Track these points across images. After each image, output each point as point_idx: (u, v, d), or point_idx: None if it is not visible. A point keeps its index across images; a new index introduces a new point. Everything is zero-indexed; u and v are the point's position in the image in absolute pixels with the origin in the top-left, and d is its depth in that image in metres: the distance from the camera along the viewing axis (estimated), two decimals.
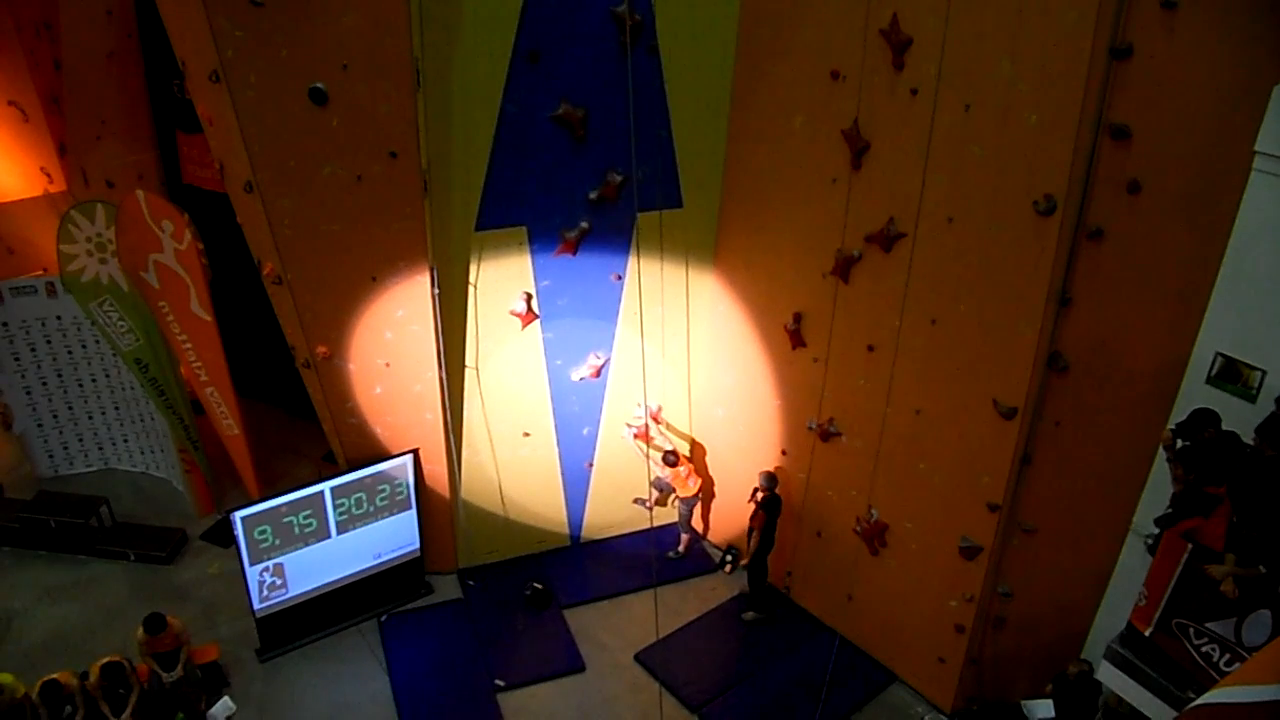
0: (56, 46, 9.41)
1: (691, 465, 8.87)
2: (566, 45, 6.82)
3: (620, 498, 8.99)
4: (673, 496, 9.00)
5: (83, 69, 9.44)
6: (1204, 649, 4.90)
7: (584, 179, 7.36)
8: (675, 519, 9.01)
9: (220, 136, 6.82)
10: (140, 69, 9.64)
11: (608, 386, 8.40)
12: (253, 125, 6.45)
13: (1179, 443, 5.18)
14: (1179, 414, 5.52)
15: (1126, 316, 5.91)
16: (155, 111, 9.89)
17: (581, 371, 8.20)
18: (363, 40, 6.27)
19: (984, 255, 6.21)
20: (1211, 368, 5.48)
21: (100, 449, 9.95)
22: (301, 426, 9.78)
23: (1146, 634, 5.15)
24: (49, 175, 9.90)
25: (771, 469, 8.12)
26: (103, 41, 9.38)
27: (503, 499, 8.55)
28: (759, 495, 8.05)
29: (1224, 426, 5.12)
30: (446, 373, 7.63)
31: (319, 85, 6.33)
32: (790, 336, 7.65)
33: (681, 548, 9.09)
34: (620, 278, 7.79)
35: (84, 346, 9.39)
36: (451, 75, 6.67)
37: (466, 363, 7.76)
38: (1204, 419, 5.13)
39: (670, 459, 8.58)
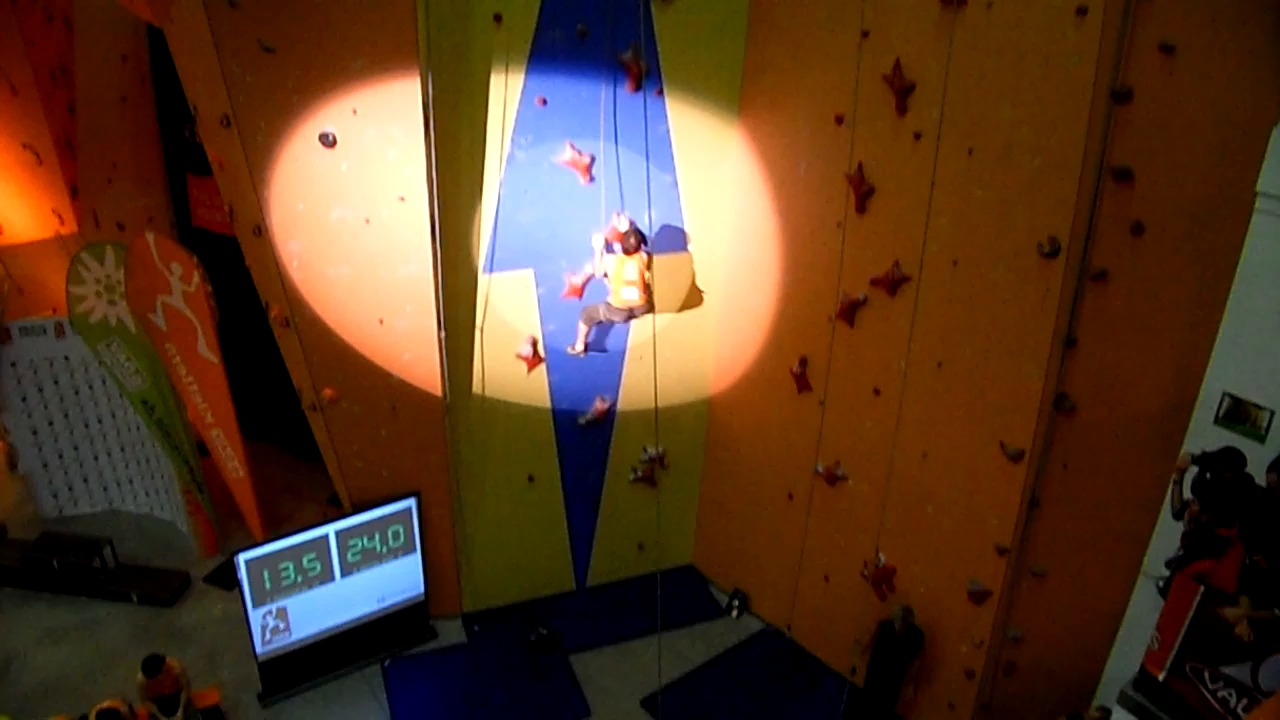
0: (71, 91, 9.57)
1: (643, 275, 7.31)
2: (574, 90, 6.93)
3: (626, 541, 8.93)
4: (603, 306, 7.53)
5: (97, 113, 9.59)
6: (1220, 694, 4.82)
7: (590, 223, 7.41)
8: (683, 561, 8.85)
9: (230, 180, 6.89)
10: (153, 113, 9.78)
11: (614, 430, 8.39)
12: (263, 169, 6.52)
13: (1195, 470, 5.13)
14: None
15: (1132, 357, 5.90)
16: (166, 155, 10.02)
17: (587, 415, 8.21)
18: (372, 85, 6.36)
19: (989, 298, 6.22)
20: (1219, 408, 5.44)
21: (105, 490, 9.93)
22: (307, 469, 9.76)
23: (1160, 678, 5.07)
24: (60, 217, 10.00)
25: (905, 604, 7.10)
26: (117, 86, 9.54)
27: (507, 543, 8.50)
28: (895, 626, 7.01)
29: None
30: (452, 416, 7.62)
31: (329, 130, 6.41)
32: (796, 380, 7.64)
33: (579, 344, 7.77)
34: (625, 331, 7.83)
35: (91, 387, 9.40)
36: (460, 120, 6.76)
37: (472, 406, 7.75)
38: (1230, 460, 5.06)
39: (632, 242, 7.16)
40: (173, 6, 6.52)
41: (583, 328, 7.66)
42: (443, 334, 7.26)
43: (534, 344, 7.73)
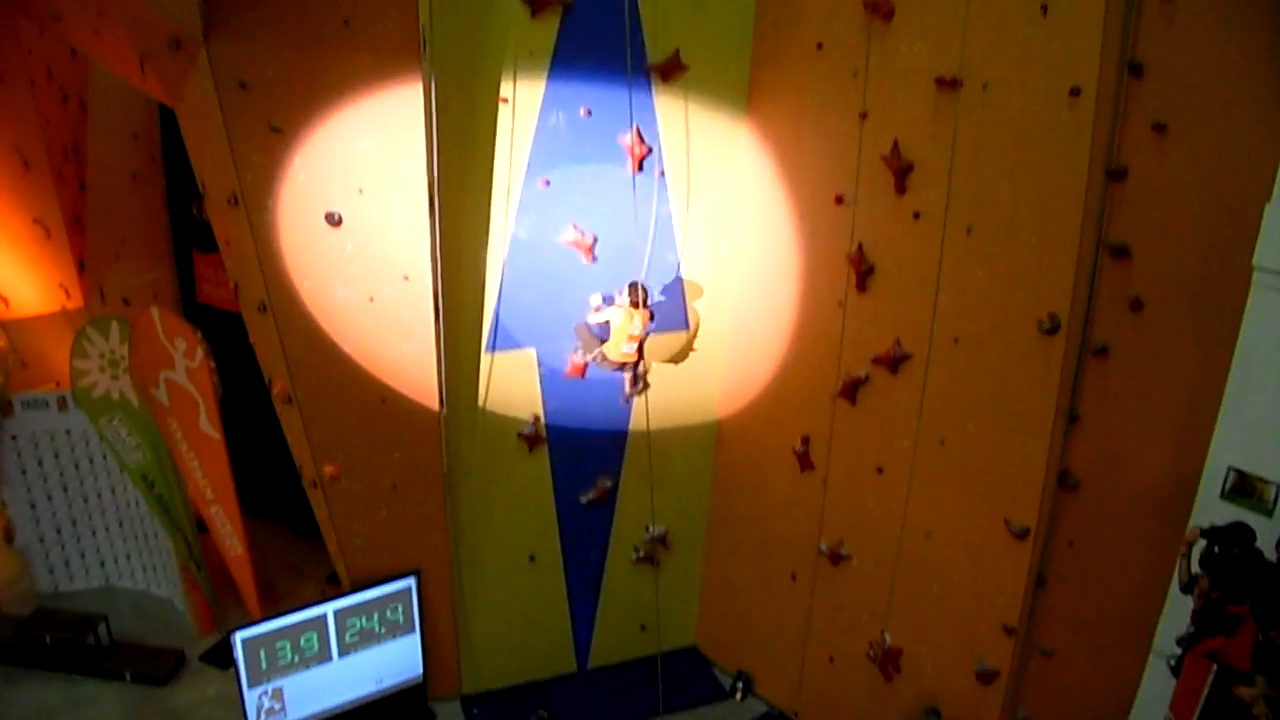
0: (83, 168, 9.72)
1: (641, 335, 7.27)
2: (577, 171, 7.05)
3: (628, 622, 8.81)
4: (596, 353, 7.45)
5: (107, 189, 9.74)
6: None
7: (589, 305, 7.46)
8: (686, 642, 8.69)
9: (236, 257, 6.97)
10: (162, 190, 9.94)
11: (616, 509, 8.33)
12: (269, 247, 6.60)
13: (1203, 544, 5.07)
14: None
15: (1136, 432, 5.90)
16: (174, 231, 10.15)
17: (589, 494, 8.15)
18: (379, 166, 6.47)
19: (991, 375, 6.24)
20: (1225, 482, 5.42)
21: (102, 565, 9.83)
22: (306, 546, 9.67)
23: None
24: (67, 291, 10.07)
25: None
26: (127, 163, 9.71)
27: (508, 623, 8.38)
28: None
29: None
30: (453, 495, 7.59)
31: (335, 209, 6.51)
32: (799, 459, 7.61)
33: (628, 389, 7.58)
34: (629, 401, 7.82)
35: (91, 462, 9.37)
36: (465, 199, 6.86)
37: (473, 485, 7.72)
38: (1239, 535, 5.02)
39: (640, 295, 7.18)
40: (185, 87, 6.67)
41: (580, 345, 7.64)
42: (444, 412, 7.26)
43: (536, 422, 7.71)
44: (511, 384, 7.54)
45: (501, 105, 6.82)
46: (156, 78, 6.81)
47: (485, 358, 7.39)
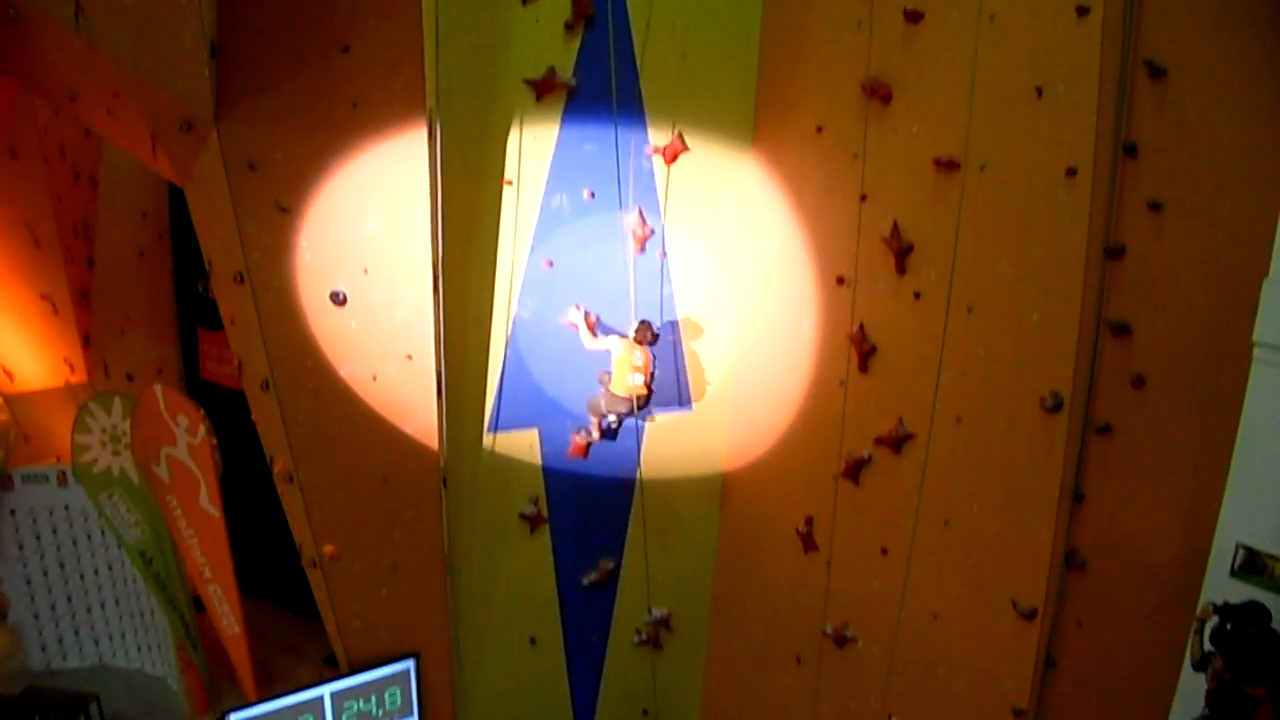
0: (92, 245, 9.85)
1: (648, 365, 7.28)
2: (580, 251, 7.14)
3: (630, 707, 8.63)
4: (602, 394, 7.39)
5: (114, 266, 9.86)
6: None
7: (596, 381, 7.48)
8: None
9: (241, 335, 7.00)
10: (168, 267, 10.05)
11: (618, 591, 8.24)
12: (273, 325, 6.64)
13: (1216, 620, 5.00)
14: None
15: (1142, 510, 5.85)
16: (179, 308, 10.23)
17: (591, 576, 8.07)
18: (384, 245, 6.54)
19: (994, 454, 6.22)
20: (1234, 560, 5.35)
21: (96, 643, 9.70)
22: (304, 627, 9.53)
23: None
24: (71, 366, 10.13)
25: None
26: (135, 240, 9.84)
27: (508, 707, 8.22)
28: None
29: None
30: (453, 576, 7.53)
31: (340, 289, 6.57)
32: (802, 539, 7.55)
33: (594, 433, 7.58)
34: (630, 483, 7.80)
35: (89, 538, 9.32)
36: (468, 280, 6.94)
37: (474, 566, 7.66)
38: (1254, 614, 4.94)
39: (648, 336, 7.18)
40: (194, 167, 6.78)
41: (593, 419, 7.60)
42: (446, 492, 7.24)
43: (538, 503, 7.69)
44: (514, 464, 7.53)
45: (506, 187, 6.94)
46: (167, 157, 6.91)
47: (487, 437, 7.39)
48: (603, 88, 7.04)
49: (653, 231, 7.39)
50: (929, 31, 6.34)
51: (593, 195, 7.18)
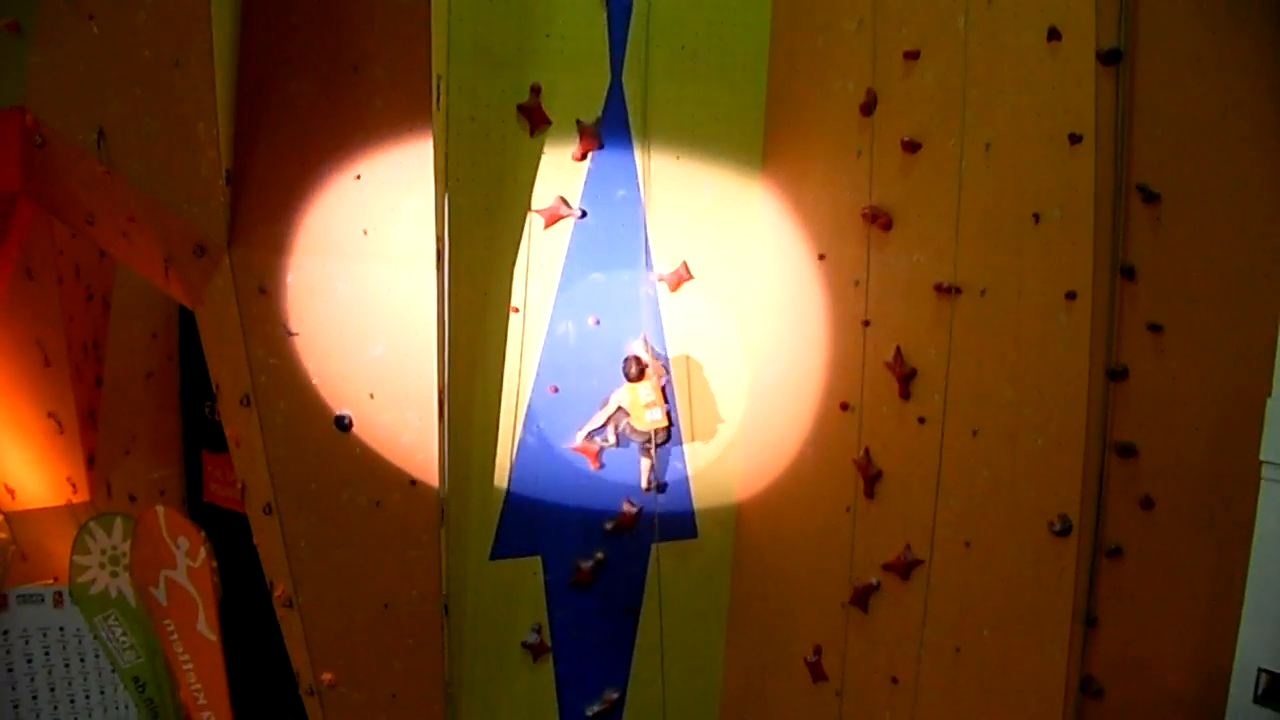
0: (100, 365, 9.91)
1: (660, 392, 7.23)
2: (585, 378, 7.20)
3: None
4: (625, 424, 7.25)
5: (122, 386, 9.89)
6: None
7: (600, 509, 7.49)
8: None
9: (245, 458, 6.99)
10: (176, 389, 10.11)
11: None
12: (278, 449, 6.62)
13: None
14: None
15: (1158, 635, 5.74)
16: (185, 430, 10.25)
17: (595, 707, 7.89)
18: (390, 371, 6.58)
19: (1004, 579, 6.13)
20: (1256, 686, 5.23)
21: None
22: None
23: None
24: (74, 485, 10.06)
25: None
26: (144, 361, 9.91)
27: None
28: None
29: None
30: (454, 706, 7.34)
31: (345, 413, 6.59)
32: (810, 669, 7.40)
33: (643, 484, 7.37)
34: (635, 611, 7.69)
35: (82, 660, 9.09)
36: (474, 406, 6.99)
37: (475, 695, 7.51)
38: None
39: (634, 370, 7.00)
40: (205, 290, 6.87)
41: (611, 430, 7.37)
42: (448, 620, 7.10)
43: (540, 631, 7.57)
44: (516, 592, 7.45)
45: (512, 314, 7.04)
46: (179, 280, 7.03)
47: (490, 565, 7.33)
48: (609, 216, 7.21)
49: (658, 356, 7.45)
50: (927, 160, 6.51)
51: (598, 322, 7.28)
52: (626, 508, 7.51)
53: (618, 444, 7.42)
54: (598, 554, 7.57)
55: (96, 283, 9.96)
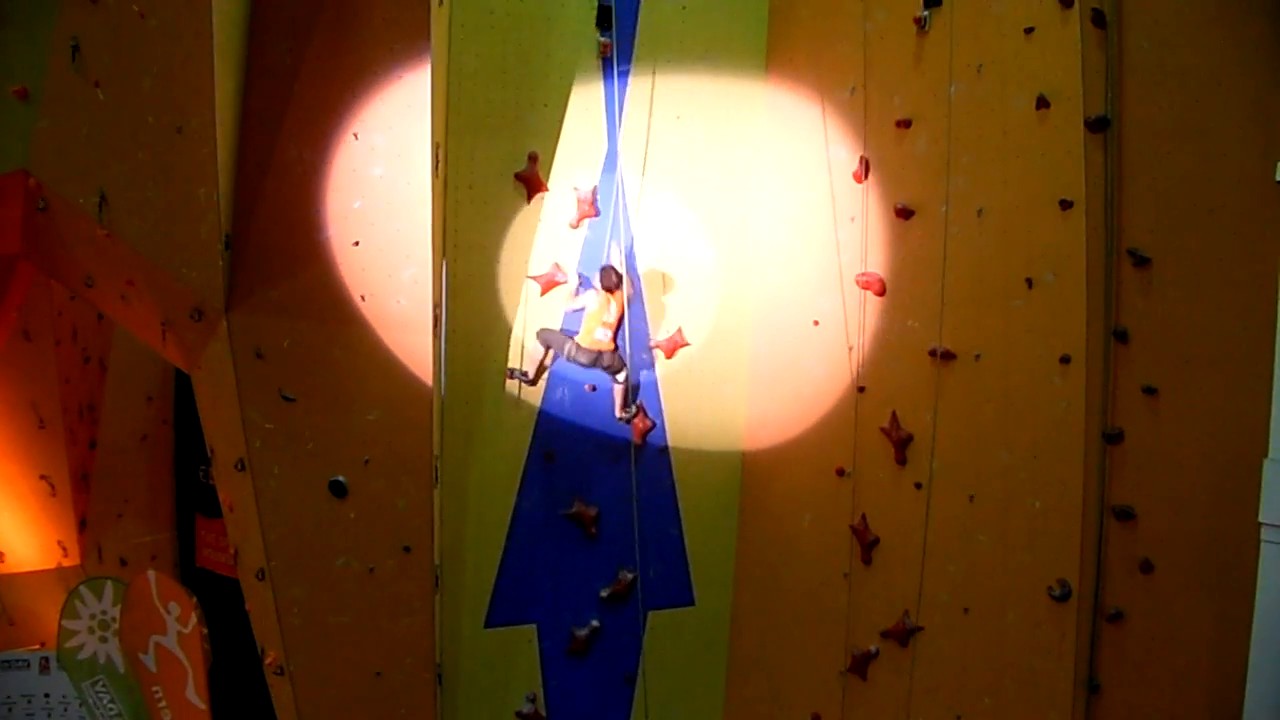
0: (95, 427, 9.89)
1: (618, 321, 6.96)
2: (581, 445, 7.20)
3: None
4: (570, 347, 6.89)
5: (117, 449, 9.85)
6: None
7: (595, 576, 7.42)
8: None
9: (239, 523, 6.94)
10: (170, 453, 10.06)
11: None
12: (272, 514, 6.58)
13: None
14: None
15: (1163, 698, 5.71)
16: (178, 494, 10.18)
17: None
18: (385, 437, 6.57)
19: (1004, 645, 6.09)
20: None
21: None
22: None
23: None
24: (65, 549, 9.97)
25: None
26: (139, 425, 9.88)
27: None
28: None
29: None
30: None
31: (340, 478, 6.56)
32: None
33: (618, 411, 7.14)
34: (631, 679, 7.60)
35: None
36: (469, 473, 6.98)
37: None
38: None
39: (613, 279, 6.83)
40: (202, 354, 6.88)
41: (539, 348, 7.03)
42: (441, 690, 7.02)
43: (535, 701, 7.46)
44: (511, 660, 7.35)
45: (509, 380, 7.06)
46: (177, 344, 7.04)
47: (485, 633, 7.24)
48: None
49: (654, 424, 7.45)
50: (919, 227, 6.59)
51: (594, 389, 7.29)
52: (622, 575, 7.46)
53: (534, 382, 7.12)
54: (593, 622, 7.49)
55: (94, 345, 9.97)
